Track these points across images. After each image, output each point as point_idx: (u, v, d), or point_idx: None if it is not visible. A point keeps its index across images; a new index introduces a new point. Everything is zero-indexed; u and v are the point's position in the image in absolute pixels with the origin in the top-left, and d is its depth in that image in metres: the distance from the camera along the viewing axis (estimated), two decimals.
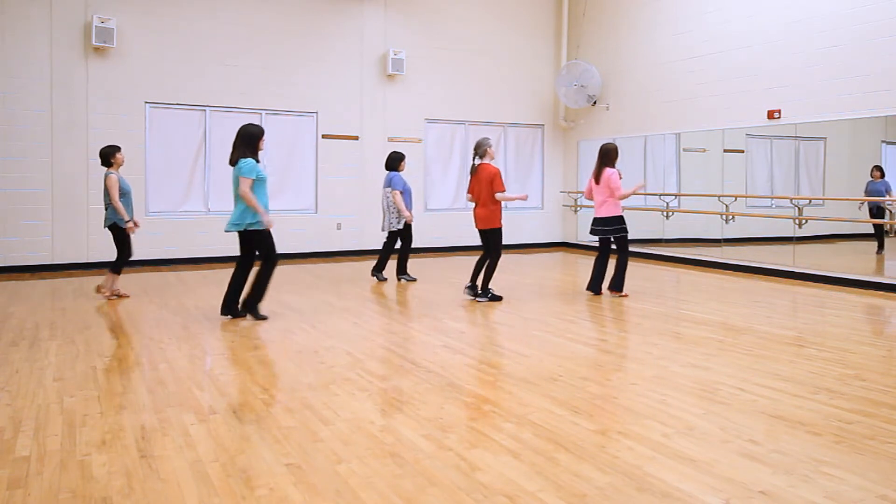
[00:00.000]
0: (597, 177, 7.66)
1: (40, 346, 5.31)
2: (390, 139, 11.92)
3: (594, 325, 6.28)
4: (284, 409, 3.86)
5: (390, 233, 8.75)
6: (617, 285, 7.69)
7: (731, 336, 5.79)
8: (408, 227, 8.71)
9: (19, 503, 2.73)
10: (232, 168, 6.26)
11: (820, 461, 3.16)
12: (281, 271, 9.79)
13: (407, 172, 12.06)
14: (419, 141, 12.15)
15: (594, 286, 7.79)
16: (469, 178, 7.46)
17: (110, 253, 9.91)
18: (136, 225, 7.34)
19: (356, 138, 11.65)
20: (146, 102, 10.10)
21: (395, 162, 8.74)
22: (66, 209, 9.62)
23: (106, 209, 7.29)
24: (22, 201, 9.38)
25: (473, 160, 7.43)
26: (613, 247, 7.78)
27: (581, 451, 3.27)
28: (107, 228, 7.35)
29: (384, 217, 8.70)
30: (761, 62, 9.65)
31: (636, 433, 3.50)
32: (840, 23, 8.69)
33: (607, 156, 7.65)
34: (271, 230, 6.30)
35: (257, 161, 6.24)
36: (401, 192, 8.51)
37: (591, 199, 7.87)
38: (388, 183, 8.62)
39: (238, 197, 6.17)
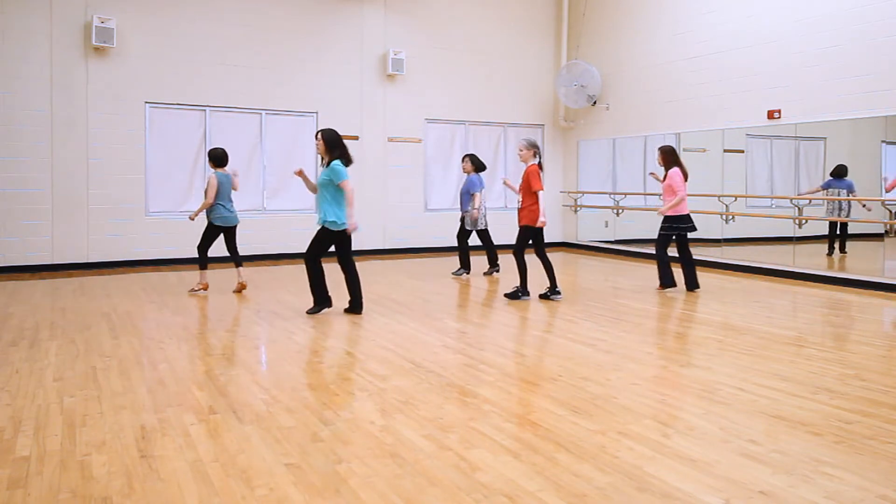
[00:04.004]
0: (664, 176, 8.10)
1: (40, 346, 5.31)
2: (390, 139, 11.92)
3: (594, 325, 6.28)
4: (284, 409, 3.86)
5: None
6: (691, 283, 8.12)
7: (731, 336, 5.79)
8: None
9: (19, 503, 2.73)
10: (322, 169, 6.59)
11: (820, 461, 3.16)
12: (281, 271, 9.79)
13: (407, 172, 12.17)
14: (419, 141, 12.15)
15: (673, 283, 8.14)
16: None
17: (111, 253, 10.01)
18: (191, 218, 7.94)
19: (356, 138, 11.63)
20: (146, 102, 10.10)
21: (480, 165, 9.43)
22: (66, 209, 9.62)
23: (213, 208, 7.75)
24: (22, 201, 9.37)
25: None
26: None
27: (581, 451, 3.27)
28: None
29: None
30: (761, 62, 9.64)
31: (636, 433, 3.50)
32: (840, 23, 8.69)
33: (672, 155, 8.04)
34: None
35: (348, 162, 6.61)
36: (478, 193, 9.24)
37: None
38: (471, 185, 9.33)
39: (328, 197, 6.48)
